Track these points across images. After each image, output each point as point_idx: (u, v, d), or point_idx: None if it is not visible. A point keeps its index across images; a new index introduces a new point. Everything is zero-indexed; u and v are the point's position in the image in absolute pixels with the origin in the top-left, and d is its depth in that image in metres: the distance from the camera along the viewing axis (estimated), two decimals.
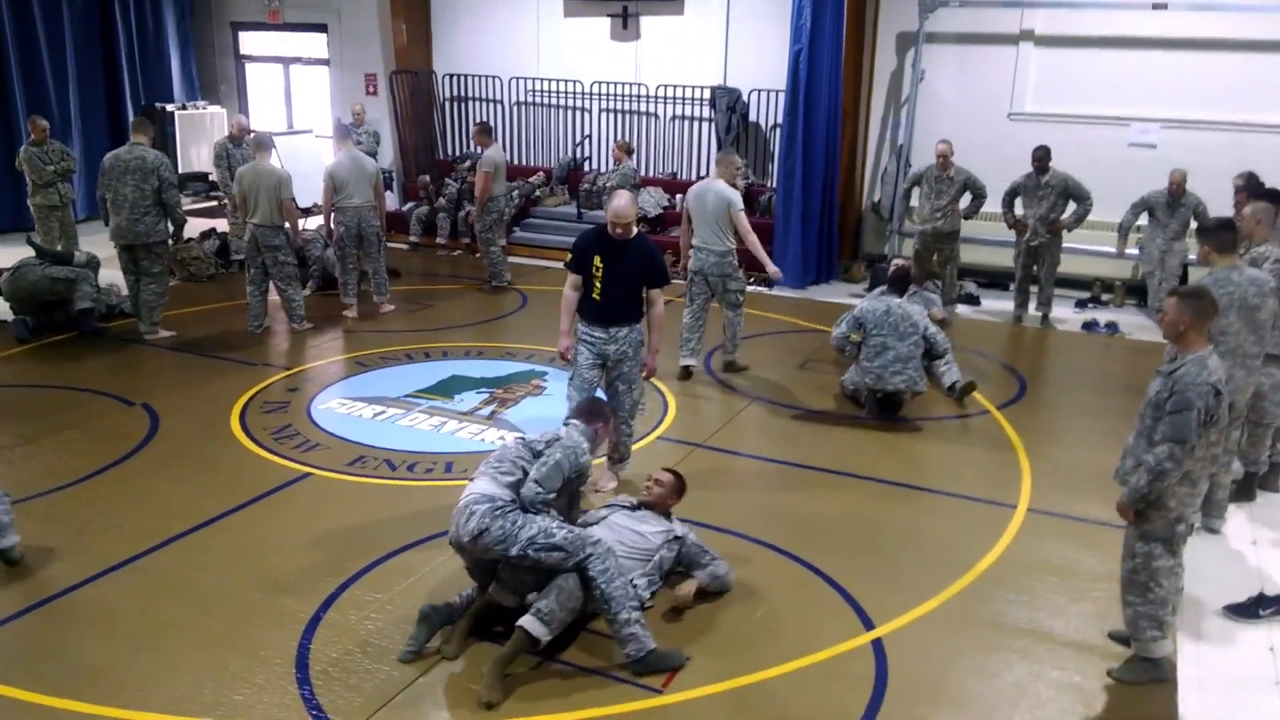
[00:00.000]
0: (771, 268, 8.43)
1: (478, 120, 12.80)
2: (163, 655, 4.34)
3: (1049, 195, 9.46)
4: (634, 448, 6.26)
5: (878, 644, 4.52)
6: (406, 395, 7.55)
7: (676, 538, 4.90)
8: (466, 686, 4.14)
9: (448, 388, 7.72)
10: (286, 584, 4.90)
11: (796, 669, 4.33)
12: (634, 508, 4.98)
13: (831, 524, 5.66)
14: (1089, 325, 9.95)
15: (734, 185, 8.05)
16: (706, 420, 7.28)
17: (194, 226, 11.16)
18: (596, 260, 5.68)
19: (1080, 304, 10.73)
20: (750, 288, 8.95)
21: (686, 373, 8.10)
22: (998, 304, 10.55)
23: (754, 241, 7.94)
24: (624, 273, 5.68)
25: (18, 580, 4.90)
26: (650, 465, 6.30)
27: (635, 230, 5.75)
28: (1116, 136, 10.79)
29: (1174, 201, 9.51)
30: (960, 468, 6.57)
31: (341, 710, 3.99)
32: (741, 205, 7.90)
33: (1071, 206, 9.49)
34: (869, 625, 4.66)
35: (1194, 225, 9.57)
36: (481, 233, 10.63)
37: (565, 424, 4.81)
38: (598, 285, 5.70)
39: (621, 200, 5.60)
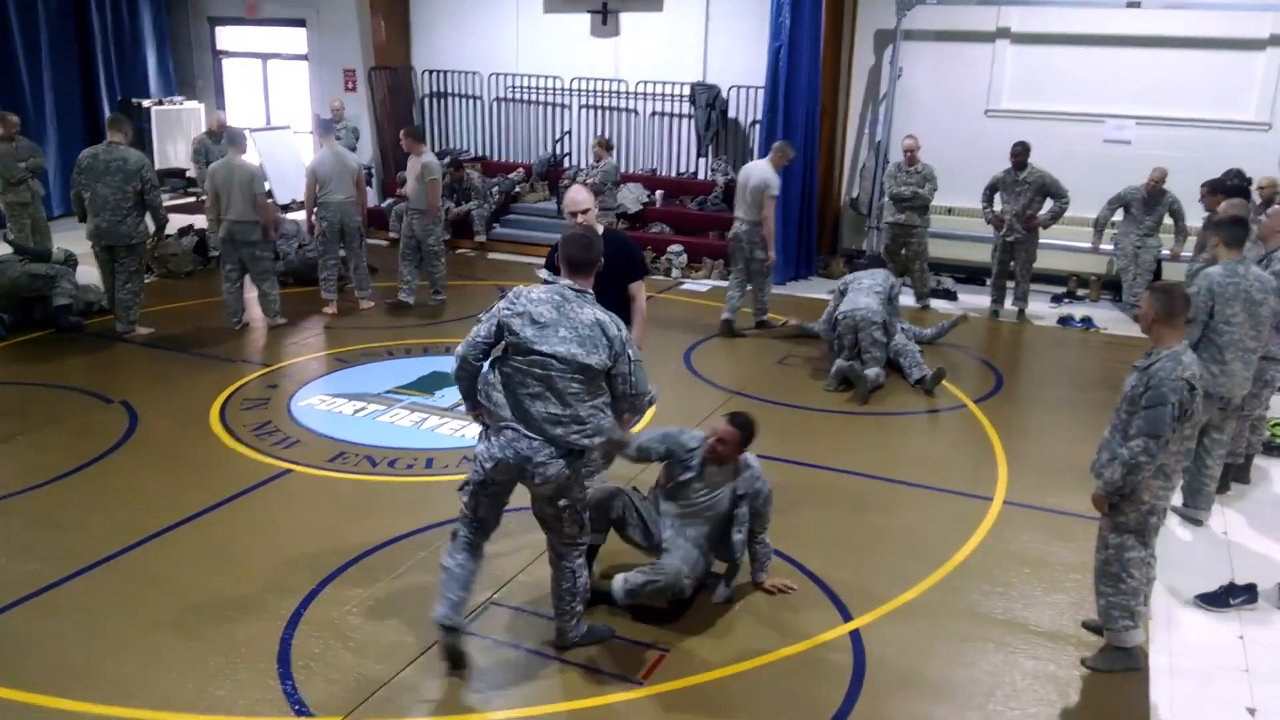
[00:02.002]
0: (770, 253, 9.14)
1: (406, 126, 11.03)
2: (144, 652, 4.33)
3: (1026, 191, 9.55)
4: None
5: (855, 635, 4.57)
6: (387, 391, 7.55)
7: (740, 495, 4.71)
8: (448, 680, 4.17)
9: (428, 384, 7.72)
10: (267, 580, 4.90)
11: (775, 660, 4.38)
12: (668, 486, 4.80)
13: (809, 517, 5.71)
14: (1065, 320, 10.06)
15: (777, 171, 9.07)
16: (687, 414, 7.30)
17: (172, 223, 11.08)
18: None
19: (1056, 299, 10.84)
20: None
21: (726, 327, 9.18)
22: (974, 299, 10.64)
23: (770, 226, 9.02)
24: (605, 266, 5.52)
25: None
26: (629, 465, 6.34)
27: (601, 225, 5.48)
28: (1091, 133, 10.91)
29: (1151, 199, 9.63)
30: (937, 461, 6.64)
31: (323, 705, 4.01)
32: (775, 191, 8.96)
33: (1048, 203, 9.59)
34: (847, 616, 4.71)
35: (1169, 222, 9.72)
36: (435, 246, 9.75)
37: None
38: None
39: (575, 191, 5.40)
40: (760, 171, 8.99)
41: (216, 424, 6.87)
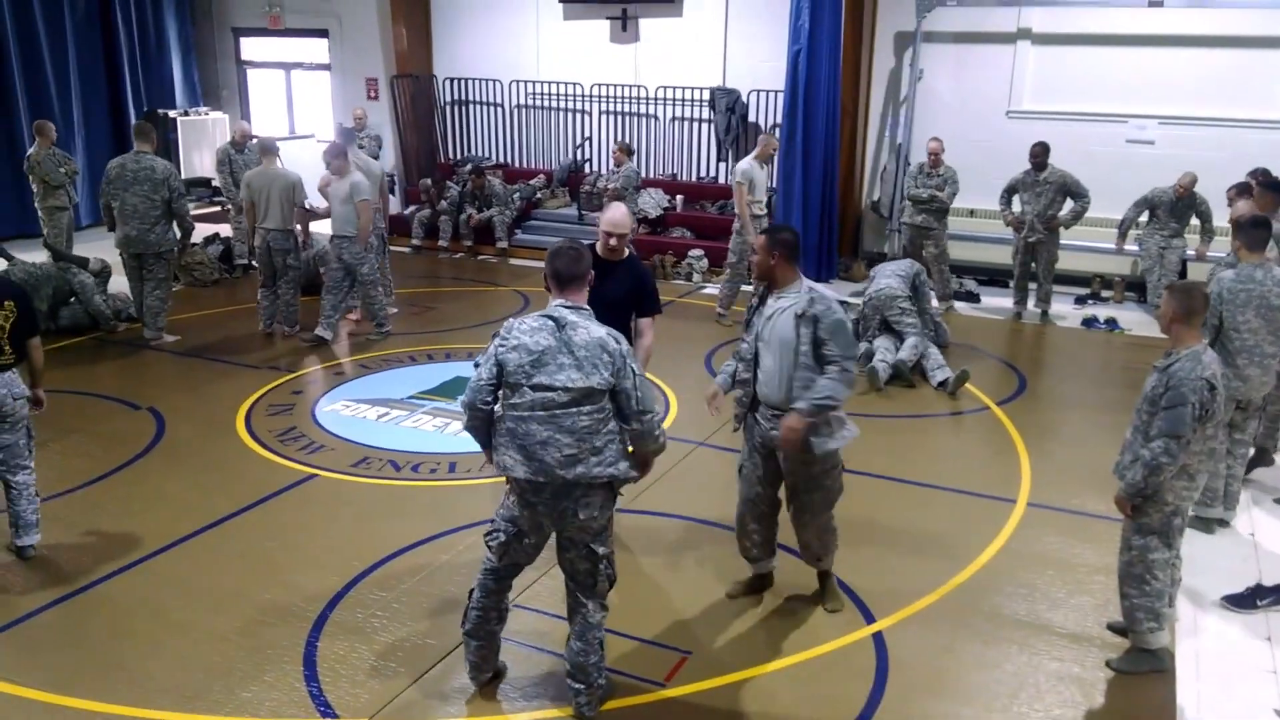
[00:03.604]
0: (746, 237, 9.37)
1: (332, 144, 9.30)
2: (172, 653, 4.39)
3: (1047, 192, 9.50)
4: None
5: (878, 637, 4.57)
6: (410, 397, 7.61)
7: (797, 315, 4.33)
8: (469, 684, 4.19)
9: (450, 389, 7.77)
10: (294, 583, 4.95)
11: (798, 662, 4.38)
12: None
13: None
14: (1088, 321, 10.00)
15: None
16: (708, 418, 7.30)
17: (197, 232, 11.21)
18: None
19: (1080, 300, 10.78)
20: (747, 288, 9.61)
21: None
22: (997, 301, 10.60)
23: (740, 210, 9.50)
24: (610, 296, 4.75)
25: (30, 581, 4.96)
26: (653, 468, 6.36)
27: (628, 251, 5.12)
28: (1114, 133, 10.85)
29: (1179, 202, 9.53)
30: (959, 463, 6.62)
31: (349, 706, 4.05)
32: (740, 178, 9.36)
33: (1069, 204, 9.54)
34: (869, 619, 4.71)
35: (1196, 223, 9.63)
36: (370, 274, 8.81)
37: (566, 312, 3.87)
38: None
39: (618, 211, 5.03)
40: (739, 163, 9.68)
41: (242, 430, 6.95)
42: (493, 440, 3.82)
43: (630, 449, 3.89)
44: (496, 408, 3.79)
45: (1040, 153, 9.49)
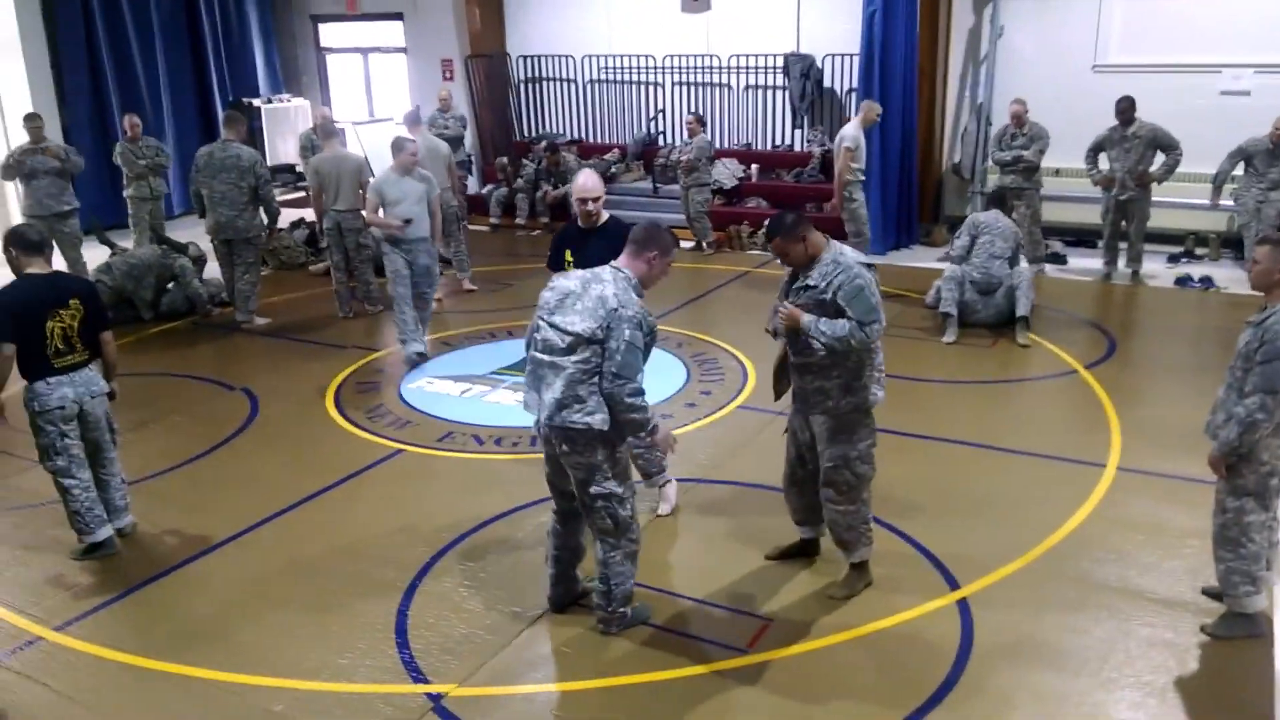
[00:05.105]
0: (836, 202, 9.75)
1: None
2: (271, 623, 4.57)
3: (1136, 147, 9.19)
4: (716, 417, 6.29)
5: (963, 604, 4.53)
6: (491, 372, 7.74)
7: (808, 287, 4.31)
8: (558, 650, 4.28)
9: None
10: (384, 554, 5.11)
11: (881, 629, 4.37)
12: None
13: (914, 487, 5.64)
14: (1182, 280, 9.66)
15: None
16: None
17: (283, 216, 11.51)
18: (567, 254, 5.25)
19: (1173, 259, 10.42)
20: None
21: None
22: (1085, 262, 10.30)
23: (842, 176, 9.59)
24: (594, 263, 4.68)
25: (134, 556, 5.20)
26: (733, 435, 6.39)
27: (605, 213, 5.28)
28: (1207, 84, 10.39)
29: (1275, 150, 9.13)
30: (1046, 428, 6.49)
31: (439, 672, 4.17)
32: (850, 143, 9.43)
33: (1160, 158, 9.21)
34: (954, 585, 4.66)
35: None
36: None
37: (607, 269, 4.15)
38: None
39: (587, 177, 5.22)
40: (845, 129, 9.67)
41: (331, 407, 7.15)
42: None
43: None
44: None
45: (1127, 107, 9.17)
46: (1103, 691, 3.97)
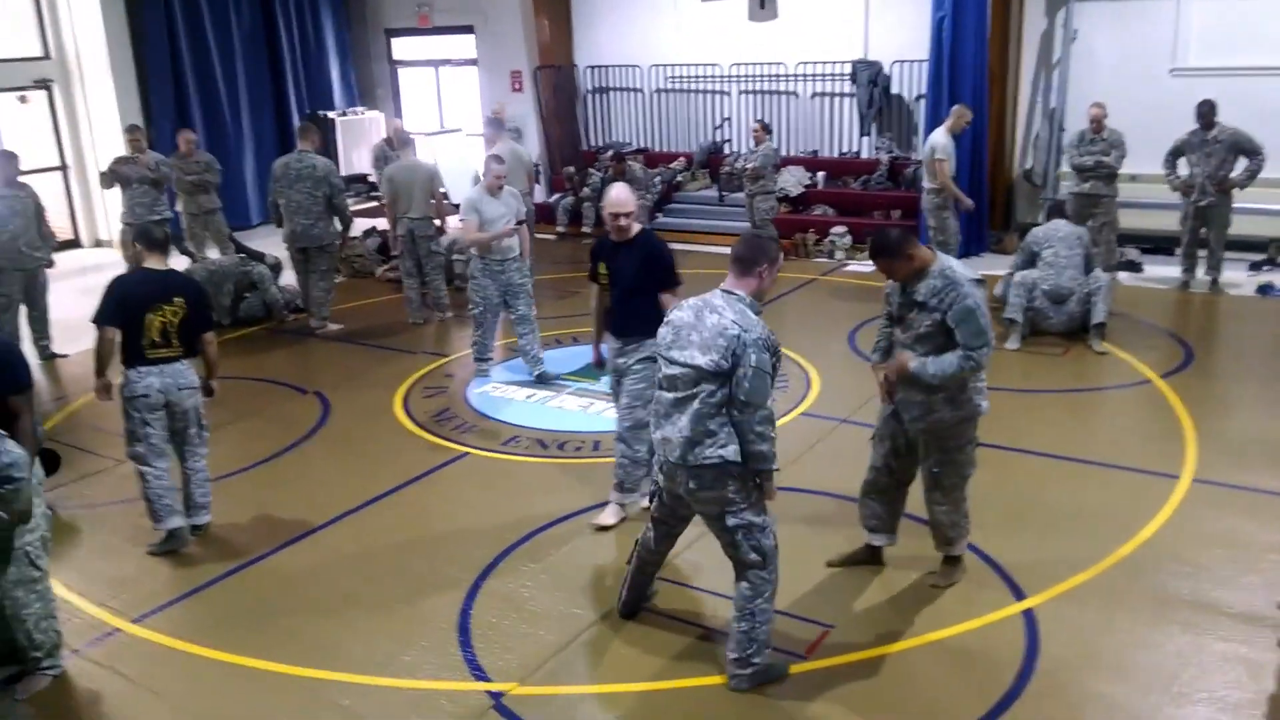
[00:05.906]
0: (963, 202, 9.45)
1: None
2: (339, 620, 4.68)
3: (1217, 152, 8.94)
4: (780, 424, 6.24)
5: (1029, 614, 4.45)
6: (556, 379, 7.81)
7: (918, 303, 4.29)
8: (617, 651, 4.31)
9: (592, 370, 7.89)
10: (448, 554, 5.19)
11: (943, 638, 4.32)
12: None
13: (982, 496, 5.48)
14: (1264, 289, 9.37)
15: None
16: (853, 396, 7.24)
17: (356, 225, 11.77)
18: (601, 267, 5.32)
19: (1254, 266, 10.10)
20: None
21: None
22: (1162, 270, 10.05)
23: (948, 188, 9.33)
24: (624, 276, 5.11)
25: (209, 552, 5.36)
26: (795, 442, 6.36)
27: (637, 226, 5.28)
28: None
29: None
30: (1119, 438, 6.35)
31: (500, 670, 4.22)
32: (942, 154, 9.22)
33: (1242, 163, 8.95)
34: (1020, 596, 4.59)
35: None
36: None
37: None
38: (608, 293, 5.35)
39: (619, 190, 5.18)
40: (933, 137, 9.39)
41: (400, 411, 7.28)
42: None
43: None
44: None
45: (1208, 111, 8.93)
46: (1174, 706, 3.87)
